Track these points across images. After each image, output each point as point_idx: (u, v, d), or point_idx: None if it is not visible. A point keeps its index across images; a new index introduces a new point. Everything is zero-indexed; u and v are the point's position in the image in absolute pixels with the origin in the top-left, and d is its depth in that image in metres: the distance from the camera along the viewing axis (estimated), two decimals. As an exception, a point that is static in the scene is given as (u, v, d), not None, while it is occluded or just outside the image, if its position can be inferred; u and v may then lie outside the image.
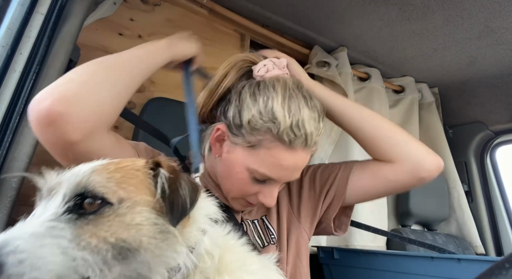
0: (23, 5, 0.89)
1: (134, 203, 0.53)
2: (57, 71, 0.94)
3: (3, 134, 0.84)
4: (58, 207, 0.50)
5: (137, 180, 0.55)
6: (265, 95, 0.85)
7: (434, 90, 2.59)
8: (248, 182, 0.88)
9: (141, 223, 0.52)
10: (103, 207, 0.51)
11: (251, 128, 0.84)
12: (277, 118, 0.82)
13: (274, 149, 0.84)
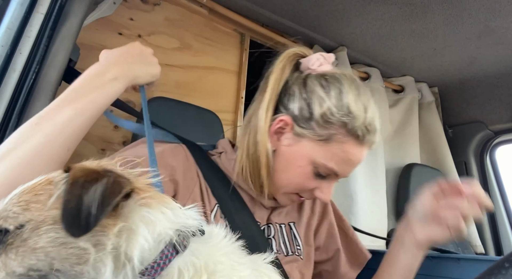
0: (22, 5, 0.89)
1: (38, 223, 0.47)
2: (57, 71, 0.94)
3: (2, 134, 0.84)
4: None
5: (47, 194, 0.50)
6: (336, 88, 0.83)
7: (434, 89, 2.59)
8: (310, 176, 0.85)
9: (45, 246, 0.47)
10: (6, 236, 0.48)
11: (324, 121, 0.81)
12: (352, 112, 0.81)
13: (346, 144, 0.82)
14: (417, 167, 2.24)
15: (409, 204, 1.01)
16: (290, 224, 0.99)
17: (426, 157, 2.49)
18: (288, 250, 0.94)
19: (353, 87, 0.85)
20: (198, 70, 1.77)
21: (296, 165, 0.85)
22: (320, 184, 0.86)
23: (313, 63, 0.90)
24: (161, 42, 1.65)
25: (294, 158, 0.85)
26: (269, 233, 0.93)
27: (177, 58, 1.70)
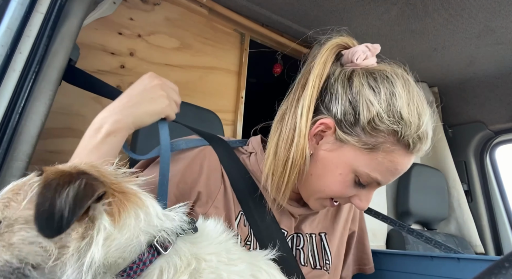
0: (22, 4, 0.89)
1: (12, 221, 0.50)
2: (56, 71, 0.94)
3: (2, 134, 0.84)
4: None
5: (24, 195, 0.52)
6: (387, 89, 0.74)
7: (433, 89, 2.59)
8: (349, 185, 0.77)
9: (15, 242, 0.50)
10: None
11: (372, 128, 0.73)
12: (404, 119, 0.72)
13: (394, 153, 0.74)
14: (417, 167, 2.23)
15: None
16: (321, 234, 0.92)
17: (426, 157, 2.48)
18: (316, 263, 0.88)
19: (406, 89, 0.76)
20: (198, 70, 1.77)
21: (336, 172, 0.77)
22: (359, 191, 0.79)
23: (359, 56, 0.81)
24: (161, 42, 1.65)
25: (334, 164, 0.77)
26: (298, 243, 0.87)
27: (177, 58, 1.70)
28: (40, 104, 0.89)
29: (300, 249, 0.86)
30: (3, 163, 0.82)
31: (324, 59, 0.81)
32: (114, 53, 1.50)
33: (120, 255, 0.51)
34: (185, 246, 0.55)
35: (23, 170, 0.85)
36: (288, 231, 0.86)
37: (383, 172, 0.75)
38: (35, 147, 0.88)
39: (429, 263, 1.14)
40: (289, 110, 0.80)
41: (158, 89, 0.79)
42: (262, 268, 0.61)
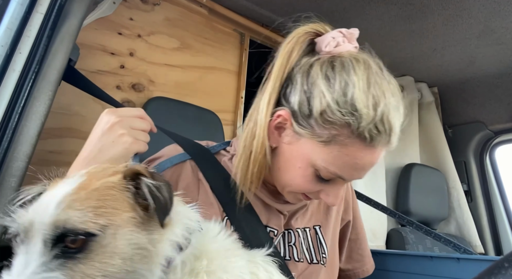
0: (22, 4, 0.89)
1: (117, 228, 0.50)
2: (56, 71, 0.94)
3: (2, 134, 0.84)
4: (43, 255, 0.47)
5: (113, 199, 0.52)
6: (343, 79, 0.69)
7: (433, 89, 2.59)
8: (311, 179, 0.75)
9: (124, 250, 0.49)
10: (88, 242, 0.48)
11: (324, 121, 0.69)
12: (358, 110, 0.67)
13: (351, 146, 0.69)
14: (417, 167, 2.24)
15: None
16: (316, 227, 0.91)
17: (426, 157, 2.49)
18: (313, 258, 0.87)
19: (365, 77, 0.70)
20: (198, 70, 1.77)
21: (296, 166, 0.75)
22: (325, 187, 0.77)
23: (328, 43, 0.75)
24: (161, 42, 1.65)
25: (294, 158, 0.76)
26: (290, 240, 0.86)
27: (177, 58, 1.70)
28: (40, 104, 0.89)
29: (293, 245, 0.85)
30: (3, 163, 0.82)
31: (289, 49, 0.77)
32: (114, 53, 1.50)
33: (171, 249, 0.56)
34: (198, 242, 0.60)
35: (23, 170, 0.85)
36: (278, 230, 0.85)
37: (341, 167, 0.72)
38: (35, 147, 0.88)
39: (429, 263, 1.14)
40: (255, 105, 0.79)
41: (117, 128, 0.72)
42: (260, 265, 0.63)
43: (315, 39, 0.79)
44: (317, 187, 0.77)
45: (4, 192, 0.81)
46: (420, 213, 2.18)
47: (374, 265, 1.07)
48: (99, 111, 1.07)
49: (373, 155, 0.72)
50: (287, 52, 0.77)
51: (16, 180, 0.83)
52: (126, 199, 0.53)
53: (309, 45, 0.80)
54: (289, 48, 0.78)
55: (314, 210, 0.93)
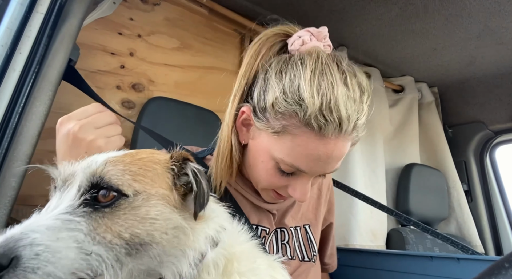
0: (22, 5, 0.89)
1: (149, 196, 0.51)
2: (56, 71, 0.94)
3: (2, 134, 0.84)
4: (74, 199, 0.49)
5: (154, 173, 0.54)
6: (292, 71, 0.71)
7: (433, 89, 2.59)
8: (273, 173, 0.76)
9: (155, 217, 0.50)
10: (118, 200, 0.49)
11: (275, 112, 0.71)
12: (303, 100, 0.68)
13: (301, 136, 0.70)
14: (417, 167, 2.24)
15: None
16: (306, 226, 0.94)
17: (426, 157, 2.49)
18: (304, 256, 0.90)
19: (313, 67, 0.70)
20: (198, 70, 1.77)
21: (260, 160, 0.77)
22: (291, 181, 0.77)
23: (293, 41, 0.78)
24: (161, 42, 1.65)
25: (258, 152, 0.77)
26: (283, 238, 0.88)
27: (177, 58, 1.70)
28: (40, 104, 0.89)
29: (286, 244, 0.88)
30: (3, 163, 0.82)
31: (256, 49, 0.81)
32: (114, 53, 1.50)
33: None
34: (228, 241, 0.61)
35: (24, 170, 0.85)
36: (269, 228, 0.87)
37: (297, 158, 0.72)
38: (35, 147, 0.88)
39: (429, 263, 1.14)
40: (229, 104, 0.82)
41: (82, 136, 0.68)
42: (278, 269, 0.66)
43: (287, 40, 0.82)
44: (282, 181, 0.77)
45: (4, 192, 0.81)
46: (420, 213, 2.18)
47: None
48: (99, 111, 1.06)
49: (327, 146, 0.70)
50: (255, 52, 0.81)
51: (16, 180, 0.83)
52: (166, 179, 0.55)
53: (282, 46, 0.83)
54: (256, 48, 0.82)
55: (305, 209, 0.96)
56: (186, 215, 0.54)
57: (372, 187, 2.06)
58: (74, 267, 0.45)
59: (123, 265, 0.48)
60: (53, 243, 0.44)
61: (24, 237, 0.44)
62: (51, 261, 0.43)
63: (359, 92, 0.72)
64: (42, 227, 0.45)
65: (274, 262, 0.67)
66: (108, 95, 1.45)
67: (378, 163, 2.14)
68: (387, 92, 2.42)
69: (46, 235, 0.44)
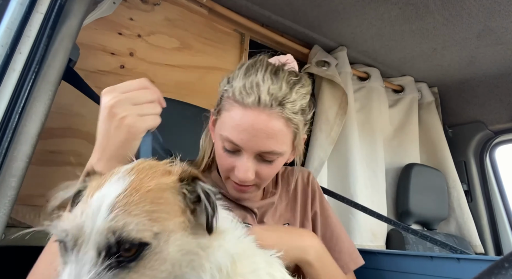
0: (22, 4, 0.89)
1: (169, 234, 0.48)
2: (56, 71, 0.94)
3: (2, 134, 0.84)
4: (97, 265, 0.44)
5: (167, 203, 0.50)
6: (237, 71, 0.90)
7: (433, 89, 2.59)
8: (223, 154, 0.87)
9: (175, 256, 0.48)
10: (142, 251, 0.45)
11: (220, 99, 0.90)
12: (231, 81, 0.87)
13: (232, 110, 0.83)
14: (417, 167, 2.24)
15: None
16: (285, 225, 1.01)
17: (426, 157, 2.49)
18: None
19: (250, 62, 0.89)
20: (198, 70, 1.77)
21: (216, 146, 0.92)
22: (235, 162, 0.86)
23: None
24: (161, 42, 1.65)
25: (215, 139, 0.93)
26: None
27: (177, 58, 1.70)
28: (40, 104, 0.89)
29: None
30: (3, 163, 0.82)
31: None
32: (114, 53, 1.50)
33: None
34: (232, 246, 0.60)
35: (23, 170, 0.85)
36: (252, 225, 0.93)
37: (229, 129, 0.84)
38: (35, 147, 0.88)
39: (429, 263, 1.14)
40: None
41: (117, 111, 0.70)
42: (275, 265, 0.66)
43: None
44: (228, 162, 0.88)
45: (4, 192, 0.81)
46: (420, 213, 2.18)
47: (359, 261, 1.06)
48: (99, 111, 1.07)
49: (249, 116, 0.82)
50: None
51: (16, 180, 0.83)
52: (178, 203, 0.51)
53: None
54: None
55: (282, 210, 1.03)
56: (199, 229, 0.52)
57: (372, 187, 2.06)
58: None
59: None
60: None
61: None
62: None
63: (284, 80, 0.84)
64: None
65: (271, 258, 0.68)
66: (108, 95, 1.45)
67: (378, 163, 2.14)
68: (387, 92, 2.42)
69: None
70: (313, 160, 1.94)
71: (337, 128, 2.00)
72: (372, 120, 2.22)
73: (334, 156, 2.01)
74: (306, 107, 0.89)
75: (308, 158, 1.96)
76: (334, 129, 2.00)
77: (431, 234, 2.09)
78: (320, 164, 1.93)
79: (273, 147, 0.84)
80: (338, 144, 2.02)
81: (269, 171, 0.90)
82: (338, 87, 2.04)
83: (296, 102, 0.84)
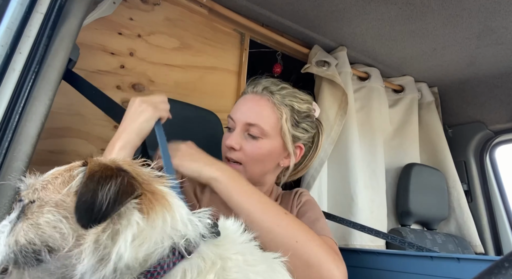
0: (22, 4, 0.89)
1: (44, 203, 0.54)
2: (56, 71, 0.94)
3: (2, 134, 0.84)
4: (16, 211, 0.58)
5: (62, 180, 0.56)
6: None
7: (433, 89, 2.59)
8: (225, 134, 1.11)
9: (41, 224, 0.53)
10: (24, 208, 0.56)
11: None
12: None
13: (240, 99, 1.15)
14: (417, 167, 2.24)
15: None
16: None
17: (426, 157, 2.49)
18: None
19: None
20: (198, 70, 1.77)
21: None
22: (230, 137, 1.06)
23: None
24: (161, 42, 1.65)
25: None
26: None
27: (177, 58, 1.70)
28: (40, 104, 0.89)
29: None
30: (3, 163, 0.82)
31: None
32: (114, 53, 1.50)
33: (146, 256, 0.51)
34: (209, 249, 0.57)
35: (23, 170, 0.85)
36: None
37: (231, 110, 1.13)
38: (35, 147, 0.88)
39: (429, 263, 1.14)
40: None
41: (142, 104, 0.94)
42: (277, 270, 0.64)
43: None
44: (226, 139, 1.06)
45: (4, 192, 0.81)
46: (420, 213, 2.18)
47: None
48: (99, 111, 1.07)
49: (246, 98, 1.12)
50: None
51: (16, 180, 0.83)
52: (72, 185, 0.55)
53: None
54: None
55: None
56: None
57: (372, 187, 2.06)
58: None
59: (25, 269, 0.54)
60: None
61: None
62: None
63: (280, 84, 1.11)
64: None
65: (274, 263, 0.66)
66: (108, 95, 1.44)
67: (378, 163, 2.14)
68: (387, 92, 2.42)
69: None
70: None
71: (337, 128, 2.00)
72: (372, 120, 2.22)
73: (334, 156, 2.01)
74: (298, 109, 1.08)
75: (308, 158, 1.96)
76: (334, 129, 2.00)
77: (431, 235, 2.10)
78: (320, 164, 1.93)
79: (257, 120, 1.03)
80: (338, 144, 2.02)
81: (253, 149, 1.03)
82: (338, 87, 2.04)
83: (285, 97, 1.07)
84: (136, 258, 0.50)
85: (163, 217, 0.53)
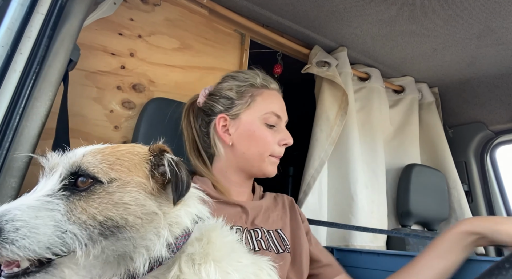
0: (23, 5, 0.89)
1: (124, 183, 0.57)
2: (57, 71, 0.94)
3: (3, 134, 0.84)
4: (55, 184, 0.56)
5: (131, 163, 0.60)
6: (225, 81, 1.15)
7: (434, 90, 2.59)
8: (266, 130, 1.06)
9: (128, 202, 0.56)
10: (94, 185, 0.56)
11: (239, 95, 1.08)
12: (249, 78, 1.11)
13: (264, 93, 1.10)
14: (417, 167, 2.24)
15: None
16: (278, 230, 1.07)
17: (426, 158, 2.49)
18: (279, 249, 1.02)
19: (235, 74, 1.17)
20: (198, 70, 1.78)
21: (253, 131, 1.05)
22: (277, 135, 1.08)
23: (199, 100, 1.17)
24: (161, 42, 1.65)
25: (248, 129, 1.05)
26: (256, 235, 1.01)
27: (177, 58, 1.70)
28: (40, 105, 0.90)
29: (260, 240, 1.01)
30: (3, 164, 0.82)
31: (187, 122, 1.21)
32: (114, 54, 1.50)
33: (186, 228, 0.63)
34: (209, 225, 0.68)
35: (24, 171, 0.85)
36: (242, 226, 1.00)
37: (270, 105, 1.09)
38: (35, 148, 0.88)
39: (430, 264, 1.14)
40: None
41: None
42: (264, 269, 0.67)
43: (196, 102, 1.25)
44: (275, 135, 1.07)
45: (5, 192, 0.81)
46: (421, 214, 2.18)
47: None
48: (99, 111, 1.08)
49: (276, 94, 1.14)
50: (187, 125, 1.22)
51: (17, 180, 0.83)
52: (143, 168, 0.61)
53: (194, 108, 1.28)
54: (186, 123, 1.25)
55: (274, 218, 1.10)
56: (164, 201, 0.60)
57: (372, 187, 2.06)
58: (49, 242, 0.51)
59: (96, 244, 0.54)
60: (32, 220, 0.51)
61: (7, 213, 0.50)
62: (28, 235, 0.49)
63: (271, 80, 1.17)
64: (24, 206, 0.52)
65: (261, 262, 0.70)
66: (108, 95, 1.45)
67: (378, 163, 2.14)
68: (387, 93, 2.42)
69: (26, 213, 0.51)
70: (313, 160, 1.94)
71: (337, 129, 2.00)
72: (373, 120, 2.22)
73: (335, 156, 2.01)
74: None
75: (309, 158, 1.96)
76: (335, 129, 2.00)
77: (431, 234, 2.10)
78: (321, 164, 1.93)
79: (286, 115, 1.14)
80: (339, 144, 2.02)
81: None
82: (338, 88, 2.04)
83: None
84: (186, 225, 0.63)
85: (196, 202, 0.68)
